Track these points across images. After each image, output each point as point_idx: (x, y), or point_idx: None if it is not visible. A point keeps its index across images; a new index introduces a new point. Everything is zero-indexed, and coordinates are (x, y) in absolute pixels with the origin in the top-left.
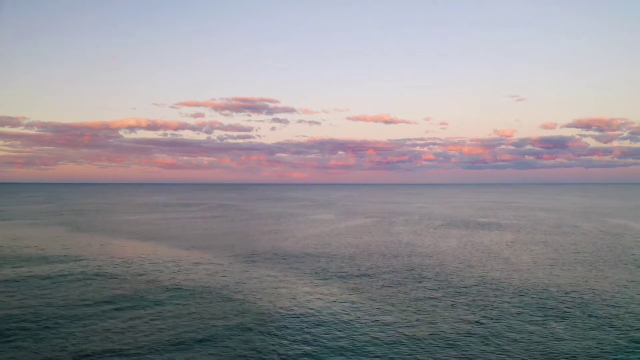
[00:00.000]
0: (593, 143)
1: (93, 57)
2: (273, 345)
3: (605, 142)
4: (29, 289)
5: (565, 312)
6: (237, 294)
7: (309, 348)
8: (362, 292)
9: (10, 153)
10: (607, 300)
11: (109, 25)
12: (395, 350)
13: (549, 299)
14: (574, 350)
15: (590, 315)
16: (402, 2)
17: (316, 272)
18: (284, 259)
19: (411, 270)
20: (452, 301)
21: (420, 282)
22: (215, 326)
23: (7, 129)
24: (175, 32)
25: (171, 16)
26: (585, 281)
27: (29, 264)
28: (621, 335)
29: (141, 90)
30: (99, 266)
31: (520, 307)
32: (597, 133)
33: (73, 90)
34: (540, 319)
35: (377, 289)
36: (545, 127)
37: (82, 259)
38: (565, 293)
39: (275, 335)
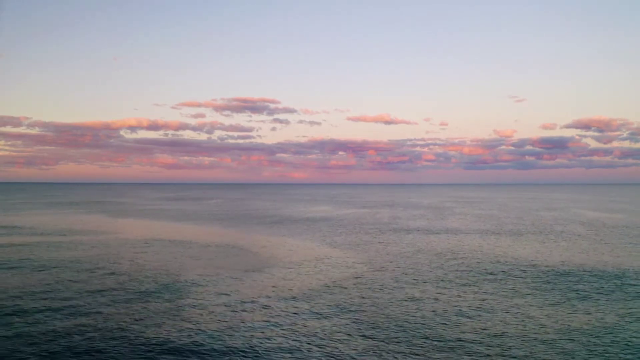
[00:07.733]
0: (593, 144)
1: (94, 58)
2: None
3: (605, 143)
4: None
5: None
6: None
7: None
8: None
9: (12, 153)
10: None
11: (110, 27)
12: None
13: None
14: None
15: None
16: (402, 2)
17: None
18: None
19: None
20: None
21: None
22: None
23: (8, 129)
24: (176, 33)
25: (172, 17)
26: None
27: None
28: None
29: (142, 91)
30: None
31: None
32: (596, 133)
33: (74, 91)
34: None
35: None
36: (545, 127)
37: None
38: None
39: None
